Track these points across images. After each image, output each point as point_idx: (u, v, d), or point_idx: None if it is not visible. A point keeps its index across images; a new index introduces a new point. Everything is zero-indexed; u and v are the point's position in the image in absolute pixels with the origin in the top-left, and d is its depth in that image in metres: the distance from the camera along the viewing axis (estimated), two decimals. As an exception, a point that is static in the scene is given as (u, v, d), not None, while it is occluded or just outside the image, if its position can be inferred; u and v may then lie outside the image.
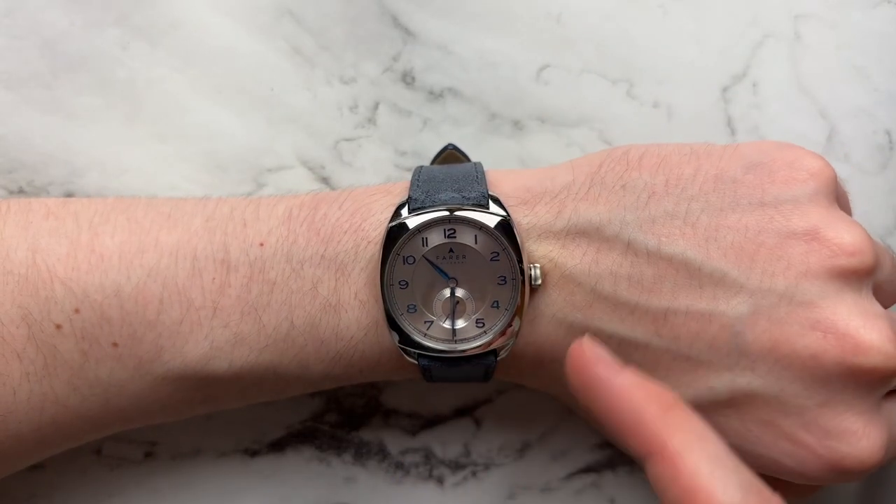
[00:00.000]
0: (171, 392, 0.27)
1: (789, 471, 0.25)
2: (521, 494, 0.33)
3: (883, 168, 0.34)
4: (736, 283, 0.24)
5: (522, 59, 0.34)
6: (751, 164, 0.26)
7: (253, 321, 0.26)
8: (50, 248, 0.26)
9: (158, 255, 0.26)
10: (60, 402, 0.26)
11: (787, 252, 0.24)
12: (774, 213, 0.25)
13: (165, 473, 0.33)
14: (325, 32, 0.33)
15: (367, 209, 0.27)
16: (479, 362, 0.27)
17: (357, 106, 0.34)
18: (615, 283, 0.25)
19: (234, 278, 0.26)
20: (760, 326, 0.24)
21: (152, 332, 0.26)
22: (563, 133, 0.34)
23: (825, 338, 0.24)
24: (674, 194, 0.26)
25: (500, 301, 0.26)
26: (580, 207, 0.26)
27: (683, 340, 0.25)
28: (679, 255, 0.25)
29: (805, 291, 0.24)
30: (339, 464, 0.33)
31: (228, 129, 0.33)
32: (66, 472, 0.32)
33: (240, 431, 0.33)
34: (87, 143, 0.33)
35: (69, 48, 0.33)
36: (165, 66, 0.33)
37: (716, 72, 0.34)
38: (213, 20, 0.33)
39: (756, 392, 0.24)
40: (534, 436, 0.33)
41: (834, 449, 0.24)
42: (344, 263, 0.26)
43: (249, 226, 0.27)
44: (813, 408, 0.24)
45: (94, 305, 0.26)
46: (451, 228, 0.26)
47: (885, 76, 0.34)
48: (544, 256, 0.26)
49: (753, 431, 0.25)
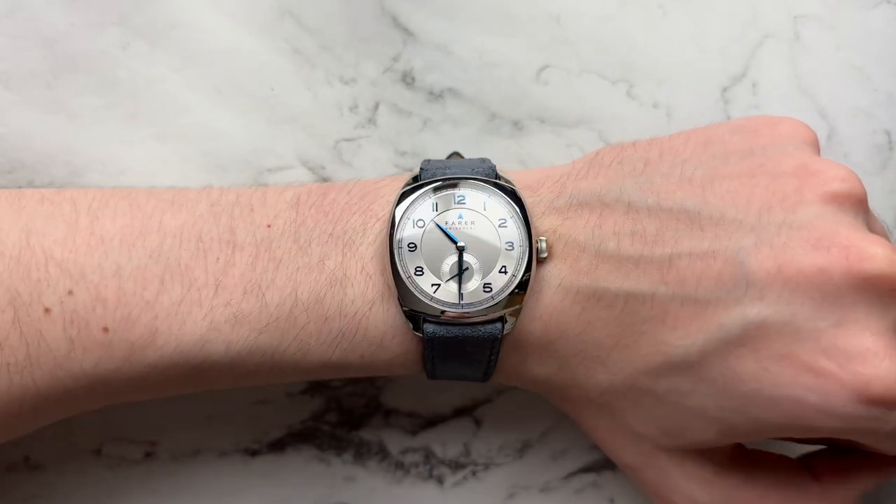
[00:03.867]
0: (162, 380, 0.26)
1: (815, 409, 0.24)
2: (521, 494, 0.33)
3: (883, 168, 0.34)
4: (735, 220, 0.25)
5: (522, 59, 0.34)
6: (736, 128, 0.27)
7: (255, 299, 0.26)
8: (46, 231, 0.26)
9: (162, 236, 0.26)
10: (42, 394, 0.25)
11: (780, 188, 0.25)
12: (764, 159, 0.26)
13: (165, 473, 0.33)
14: (325, 32, 0.33)
15: (375, 193, 0.27)
16: (486, 330, 0.26)
17: (357, 106, 0.34)
18: (618, 241, 0.26)
19: (239, 257, 0.26)
20: (763, 253, 0.24)
21: (149, 313, 0.25)
22: (563, 133, 0.34)
23: (829, 252, 0.23)
24: (667, 160, 0.27)
25: (508, 266, 0.26)
26: (580, 185, 0.27)
27: (689, 283, 0.25)
28: (678, 206, 0.25)
29: (803, 216, 0.24)
30: (339, 464, 0.33)
31: (228, 129, 0.33)
32: (66, 471, 0.32)
33: (240, 431, 0.33)
34: (87, 143, 0.33)
35: (69, 48, 0.33)
36: (165, 66, 0.33)
37: (715, 72, 0.34)
38: (212, 20, 0.33)
39: (767, 322, 0.24)
40: (534, 436, 0.33)
41: (857, 373, 0.23)
42: (352, 239, 0.26)
43: (257, 210, 0.27)
44: (828, 329, 0.23)
45: (89, 286, 0.25)
46: (461, 195, 0.27)
47: (884, 76, 0.34)
48: (548, 230, 0.27)
49: (771, 370, 0.24)
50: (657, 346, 0.25)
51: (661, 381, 0.25)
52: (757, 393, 0.24)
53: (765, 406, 0.24)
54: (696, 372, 0.25)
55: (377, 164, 0.34)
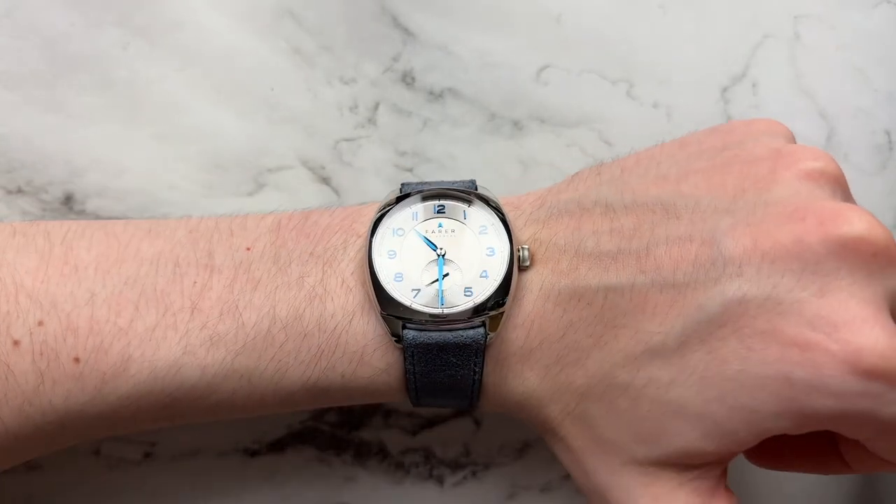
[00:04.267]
0: (134, 411, 0.25)
1: (807, 386, 0.22)
2: (521, 494, 0.33)
3: (883, 168, 0.34)
4: (710, 206, 0.25)
5: (522, 59, 0.34)
6: (712, 130, 0.27)
7: (232, 319, 0.25)
8: (17, 262, 0.25)
9: (138, 263, 0.25)
10: (10, 434, 0.24)
11: (754, 172, 0.25)
12: (738, 150, 0.26)
13: (165, 473, 0.33)
14: (325, 32, 0.33)
15: (357, 213, 0.27)
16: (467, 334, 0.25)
17: (357, 106, 0.34)
18: (597, 239, 0.26)
19: (216, 280, 0.26)
20: (739, 231, 0.23)
21: (121, 340, 0.25)
22: (563, 133, 0.34)
23: (805, 220, 0.23)
24: (643, 164, 0.27)
25: (489, 271, 0.26)
26: (560, 197, 0.27)
27: (666, 268, 0.24)
28: (653, 200, 0.26)
29: (778, 194, 0.24)
30: (339, 464, 0.33)
31: (228, 129, 0.33)
32: (65, 472, 0.32)
33: (240, 431, 0.33)
34: (87, 143, 0.33)
35: (69, 48, 0.33)
36: (165, 66, 0.33)
37: (716, 72, 0.34)
38: (213, 20, 0.33)
39: (748, 297, 0.23)
40: (534, 436, 0.33)
41: (847, 342, 0.21)
42: (333, 256, 0.26)
43: (236, 234, 0.27)
44: (811, 300, 0.22)
45: (60, 315, 0.24)
46: (441, 205, 0.27)
47: (884, 76, 0.34)
48: (530, 238, 0.27)
49: (756, 348, 0.22)
50: (636, 335, 0.24)
51: (639, 373, 0.24)
52: (741, 375, 0.23)
53: (752, 389, 0.23)
54: (677, 360, 0.24)
55: (377, 164, 0.34)
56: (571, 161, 0.34)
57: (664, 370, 0.24)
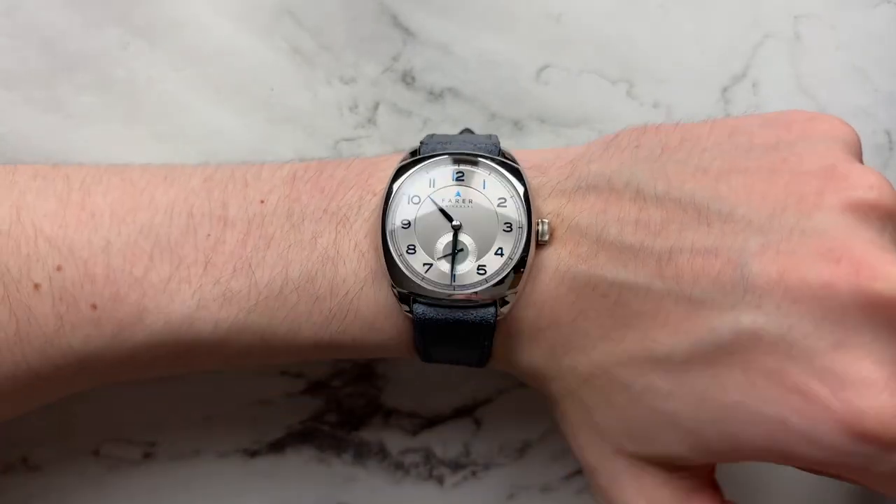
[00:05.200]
0: (151, 359, 0.26)
1: (798, 434, 0.22)
2: (521, 494, 0.33)
3: (883, 168, 0.34)
4: (745, 218, 0.23)
5: (522, 59, 0.34)
6: (767, 120, 0.25)
7: (245, 277, 0.25)
8: (36, 205, 0.25)
9: (153, 212, 0.26)
10: (33, 371, 0.25)
11: (799, 188, 0.23)
12: (789, 154, 0.24)
13: (165, 474, 0.33)
14: (325, 32, 0.33)
15: (374, 167, 0.27)
16: (477, 313, 0.25)
17: (357, 106, 0.34)
18: (621, 228, 0.24)
19: (230, 234, 0.26)
20: (768, 257, 0.22)
21: (137, 290, 0.25)
22: (563, 133, 0.34)
23: (839, 265, 0.21)
24: (686, 148, 0.25)
25: (505, 248, 0.25)
26: (592, 167, 0.26)
27: (686, 280, 0.23)
28: (688, 197, 0.24)
29: (818, 223, 0.22)
30: (339, 464, 0.33)
31: (228, 129, 0.33)
32: (64, 472, 0.32)
33: (239, 432, 0.33)
34: (86, 143, 0.33)
35: (69, 48, 0.33)
36: (165, 66, 0.33)
37: (716, 72, 0.34)
38: (213, 20, 0.33)
39: (762, 332, 0.22)
40: (534, 436, 0.33)
41: (850, 402, 0.21)
42: (346, 216, 0.26)
43: (251, 185, 0.26)
44: (826, 350, 0.21)
45: (78, 262, 0.25)
46: (460, 171, 0.26)
47: (885, 76, 0.34)
48: (552, 212, 0.26)
49: (759, 385, 0.22)
50: (643, 340, 0.24)
51: (640, 378, 0.24)
52: (739, 407, 0.22)
53: (745, 423, 0.22)
54: (678, 374, 0.23)
55: (377, 164, 0.34)
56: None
57: (664, 381, 0.24)
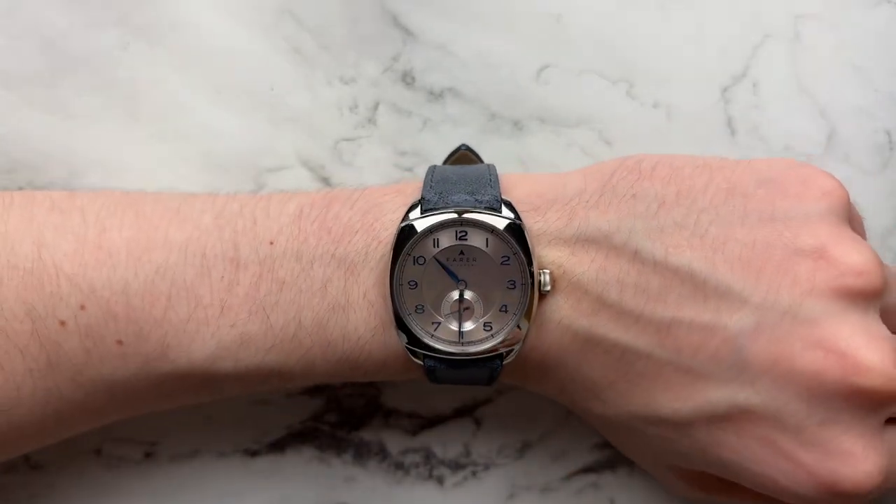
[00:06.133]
0: (177, 388, 0.27)
1: (784, 490, 0.25)
2: (521, 494, 0.33)
3: (883, 168, 0.34)
4: (740, 296, 0.24)
5: (522, 59, 0.34)
6: (763, 180, 0.26)
7: (260, 321, 0.26)
8: (56, 244, 0.26)
9: (167, 251, 0.26)
10: (65, 399, 0.26)
11: (793, 268, 0.24)
12: (784, 228, 0.25)
13: (165, 473, 0.33)
14: (325, 32, 0.33)
15: (379, 209, 0.27)
16: (485, 365, 0.27)
17: (357, 106, 0.34)
18: (621, 291, 0.25)
19: (243, 276, 0.26)
20: (762, 342, 0.24)
21: (158, 330, 0.26)
22: (563, 133, 0.34)
23: (826, 357, 0.24)
24: (684, 205, 0.26)
25: (509, 305, 0.26)
26: (590, 215, 0.26)
27: (685, 352, 0.25)
28: (685, 267, 0.25)
29: (809, 309, 0.24)
30: (339, 464, 0.33)
31: (228, 129, 0.33)
32: (66, 472, 0.32)
33: (240, 431, 0.33)
34: (87, 143, 0.33)
35: (69, 48, 0.33)
36: (165, 66, 0.33)
37: (716, 72, 0.34)
38: (213, 20, 0.33)
39: (755, 408, 0.24)
40: (534, 436, 0.33)
41: (832, 470, 0.24)
42: (354, 263, 0.26)
43: (259, 223, 0.27)
44: (812, 427, 0.24)
45: (100, 302, 0.26)
46: (463, 231, 0.26)
47: (885, 76, 0.34)
48: (553, 262, 0.26)
49: (751, 448, 0.25)
50: (648, 401, 0.26)
51: (649, 427, 0.27)
52: (734, 464, 0.25)
53: (740, 474, 0.26)
54: (683, 430, 0.26)
55: (377, 164, 0.34)
56: (571, 161, 0.34)
57: (670, 432, 0.26)
